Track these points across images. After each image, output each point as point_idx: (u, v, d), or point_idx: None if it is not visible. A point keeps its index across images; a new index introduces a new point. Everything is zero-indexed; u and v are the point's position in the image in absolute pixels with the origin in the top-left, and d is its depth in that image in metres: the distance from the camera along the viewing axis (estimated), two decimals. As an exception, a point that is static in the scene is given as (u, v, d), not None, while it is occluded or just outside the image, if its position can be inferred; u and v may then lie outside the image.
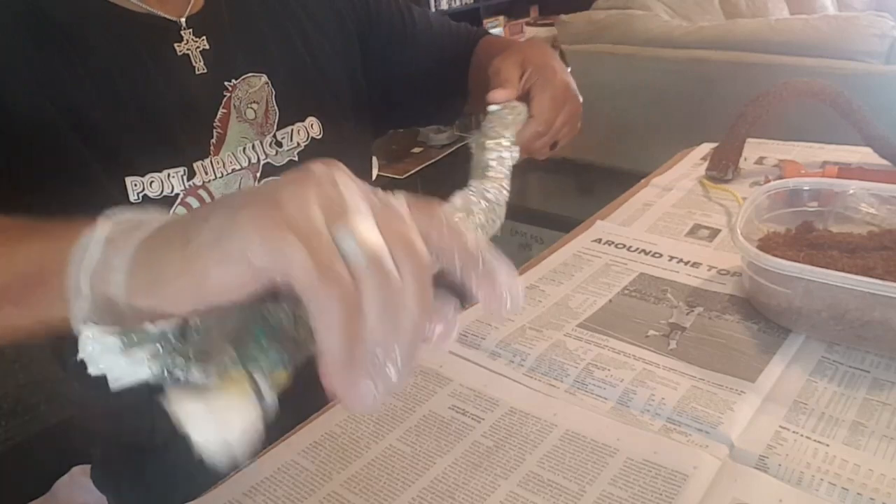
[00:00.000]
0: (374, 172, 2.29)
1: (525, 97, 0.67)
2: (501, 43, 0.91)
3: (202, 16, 0.69)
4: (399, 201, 0.31)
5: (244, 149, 0.70)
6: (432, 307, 0.30)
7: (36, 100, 0.59)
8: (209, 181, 0.67)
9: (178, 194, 0.65)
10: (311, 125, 0.76)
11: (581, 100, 0.72)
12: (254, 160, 0.70)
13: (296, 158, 0.74)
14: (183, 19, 0.68)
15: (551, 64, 0.70)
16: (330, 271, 0.27)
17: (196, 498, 0.53)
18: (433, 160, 2.49)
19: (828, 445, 0.52)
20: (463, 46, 0.90)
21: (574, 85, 0.71)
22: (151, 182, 0.63)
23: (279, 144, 0.73)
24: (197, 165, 0.66)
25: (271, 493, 0.53)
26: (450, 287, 0.31)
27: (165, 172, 0.64)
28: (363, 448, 0.56)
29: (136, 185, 0.62)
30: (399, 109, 0.89)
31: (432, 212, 0.31)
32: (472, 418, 0.58)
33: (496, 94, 0.64)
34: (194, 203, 0.66)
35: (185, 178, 0.65)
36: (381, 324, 0.28)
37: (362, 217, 0.29)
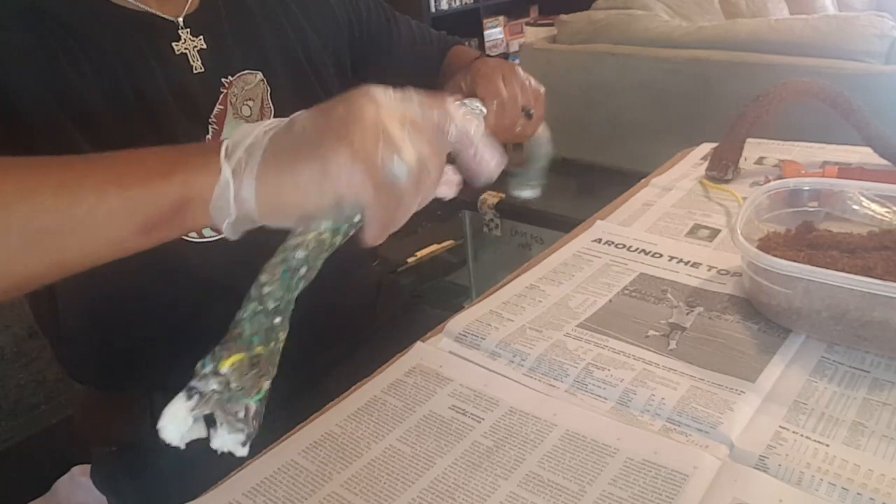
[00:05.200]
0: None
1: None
2: (468, 54, 0.97)
3: (199, 15, 0.70)
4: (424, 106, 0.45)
5: None
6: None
7: (40, 94, 0.60)
8: None
9: None
10: None
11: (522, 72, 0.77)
12: None
13: None
14: (180, 19, 0.68)
15: (489, 61, 0.75)
16: (382, 190, 0.42)
17: (196, 498, 0.53)
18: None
19: (828, 445, 0.52)
20: (436, 56, 0.94)
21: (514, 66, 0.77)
22: None
23: None
24: None
25: (271, 494, 0.53)
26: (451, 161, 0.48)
27: None
28: (363, 448, 0.56)
29: None
30: None
31: (445, 109, 0.46)
32: (472, 418, 0.58)
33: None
34: None
35: None
36: (410, 207, 0.44)
37: (405, 147, 0.42)
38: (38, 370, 1.67)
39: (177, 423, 0.39)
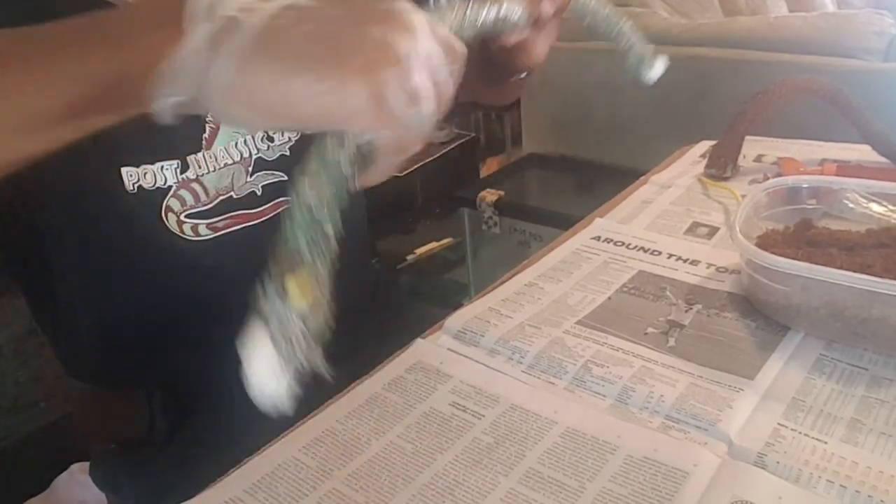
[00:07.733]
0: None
1: None
2: None
3: None
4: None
5: (236, 143, 0.71)
6: None
7: None
8: (202, 174, 0.68)
9: (171, 186, 0.66)
10: None
11: None
12: (245, 154, 0.71)
13: (287, 153, 0.75)
14: None
15: None
16: (388, 120, 0.36)
17: (196, 495, 0.53)
18: (432, 157, 2.50)
19: (826, 443, 0.52)
20: None
21: None
22: (146, 173, 0.64)
23: (270, 139, 0.74)
24: (190, 159, 0.67)
25: (272, 490, 0.53)
26: None
27: (159, 165, 0.65)
28: (364, 445, 0.56)
29: (131, 175, 0.64)
30: None
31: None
32: (473, 415, 0.58)
33: None
34: (187, 196, 0.67)
35: (178, 170, 0.66)
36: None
37: (429, 98, 0.37)
38: (36, 367, 1.67)
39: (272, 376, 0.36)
